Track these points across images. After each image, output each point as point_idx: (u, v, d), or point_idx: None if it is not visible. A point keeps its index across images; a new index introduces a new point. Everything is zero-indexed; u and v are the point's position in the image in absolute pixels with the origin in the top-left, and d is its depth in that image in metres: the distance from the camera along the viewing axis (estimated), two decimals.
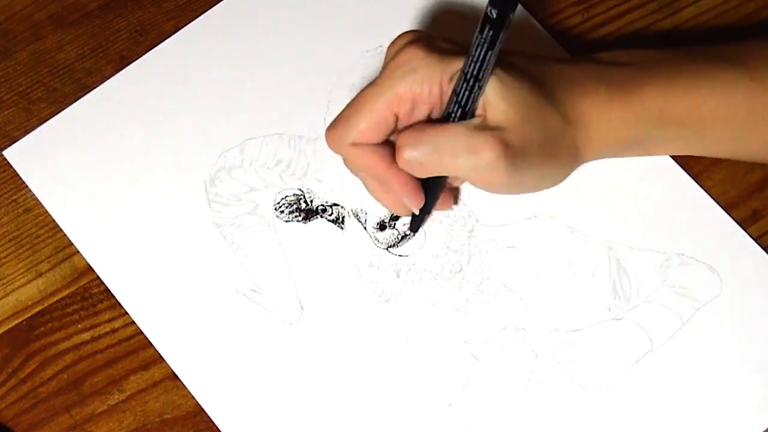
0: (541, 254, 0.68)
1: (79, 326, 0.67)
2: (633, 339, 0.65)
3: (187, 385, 0.66)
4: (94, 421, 0.66)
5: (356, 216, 0.68)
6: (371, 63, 0.71)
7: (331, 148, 0.61)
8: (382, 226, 0.67)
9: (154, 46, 0.74)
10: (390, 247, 0.68)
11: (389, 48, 0.62)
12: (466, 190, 0.69)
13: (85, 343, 0.67)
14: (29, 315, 0.68)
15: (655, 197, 0.69)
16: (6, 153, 0.71)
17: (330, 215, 0.69)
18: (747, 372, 0.65)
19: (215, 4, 0.74)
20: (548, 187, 0.66)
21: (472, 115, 0.59)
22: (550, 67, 0.62)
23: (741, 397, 0.64)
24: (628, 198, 0.69)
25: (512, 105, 0.58)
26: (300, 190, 0.69)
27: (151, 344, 0.67)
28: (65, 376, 0.67)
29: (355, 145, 0.60)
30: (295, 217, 0.69)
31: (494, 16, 0.54)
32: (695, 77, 0.62)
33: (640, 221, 0.68)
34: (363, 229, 0.68)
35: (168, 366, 0.66)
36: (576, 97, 0.61)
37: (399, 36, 0.61)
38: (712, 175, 0.69)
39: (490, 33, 0.56)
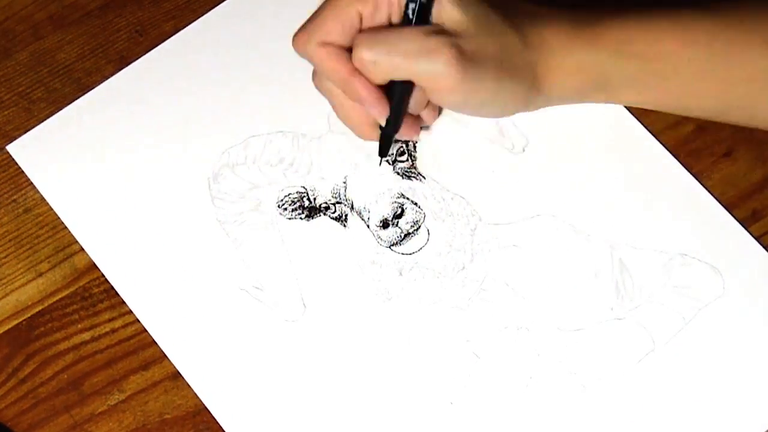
0: (543, 253, 0.68)
1: (79, 326, 0.68)
2: (635, 338, 0.66)
3: (189, 382, 0.66)
4: (94, 421, 0.66)
5: (359, 214, 0.68)
6: None
7: (297, 50, 0.62)
8: (385, 224, 0.68)
9: (154, 46, 0.74)
10: (393, 245, 0.68)
11: None
12: (469, 188, 0.69)
13: (85, 343, 0.67)
14: (29, 315, 0.68)
15: (659, 197, 0.69)
16: (9, 148, 0.71)
17: (333, 213, 0.69)
18: (749, 372, 0.65)
19: (216, 4, 0.74)
20: (507, 114, 0.66)
21: (428, 22, 0.60)
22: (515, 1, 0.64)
23: (743, 397, 0.65)
24: (632, 198, 0.69)
25: (469, 15, 0.59)
26: (303, 187, 0.69)
27: (151, 344, 0.67)
28: (65, 376, 0.67)
29: (321, 44, 0.61)
30: (298, 214, 0.69)
31: None
32: (657, 17, 0.63)
33: (643, 221, 0.68)
34: (366, 227, 0.68)
35: (168, 366, 0.67)
36: (539, 24, 0.62)
37: None
38: (712, 174, 0.70)
39: None
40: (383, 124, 0.63)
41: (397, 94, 0.62)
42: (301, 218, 0.69)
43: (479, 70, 0.60)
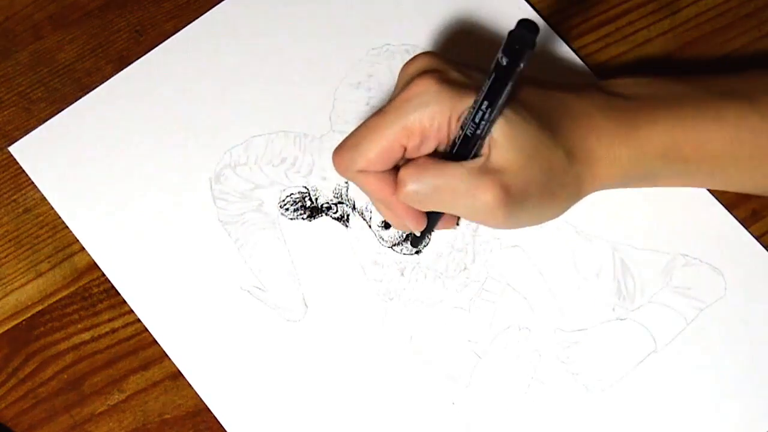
0: (545, 254, 0.68)
1: (79, 326, 0.68)
2: (637, 339, 0.66)
3: (190, 382, 0.66)
4: (93, 421, 0.66)
5: (361, 214, 0.69)
6: (377, 61, 0.72)
7: (338, 172, 0.61)
8: (386, 225, 0.68)
9: (154, 46, 0.74)
10: (394, 245, 0.68)
11: (403, 69, 0.61)
12: None
13: (84, 343, 0.67)
14: (29, 315, 0.68)
15: (660, 198, 0.69)
16: (11, 149, 0.71)
17: (335, 213, 0.69)
18: (751, 373, 0.65)
19: (216, 3, 0.74)
20: (547, 221, 0.65)
21: (477, 154, 0.59)
22: (560, 99, 0.62)
23: (745, 398, 0.65)
24: (633, 198, 0.69)
25: (517, 147, 0.58)
26: (305, 187, 0.69)
27: (150, 344, 0.67)
28: (65, 376, 0.67)
29: (362, 172, 0.60)
30: (300, 214, 0.69)
31: (505, 63, 0.53)
32: (702, 114, 0.62)
33: (645, 222, 0.68)
34: (368, 227, 0.68)
35: (168, 366, 0.67)
36: (584, 133, 0.61)
37: (414, 58, 0.61)
38: None
39: (500, 80, 0.54)
40: (418, 234, 0.65)
41: (435, 215, 0.63)
42: (302, 218, 0.69)
43: (525, 201, 0.59)
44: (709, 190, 0.69)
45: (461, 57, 0.63)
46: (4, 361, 0.67)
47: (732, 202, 0.69)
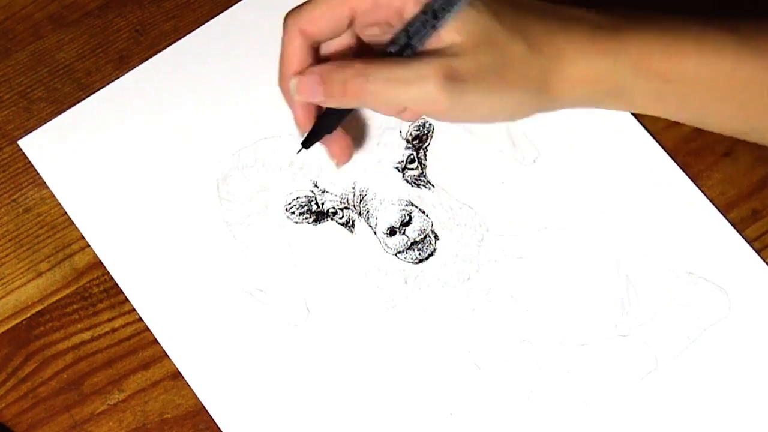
0: (550, 266, 0.77)
1: (79, 326, 0.76)
2: (639, 356, 0.74)
3: (189, 383, 0.74)
4: (94, 420, 0.74)
5: (366, 220, 0.78)
6: None
7: (283, 25, 0.67)
8: (392, 232, 0.77)
9: (154, 46, 0.82)
10: (399, 253, 0.77)
11: None
12: (478, 199, 0.78)
13: (84, 342, 0.76)
14: (29, 315, 0.77)
15: (668, 215, 0.78)
16: (21, 143, 0.80)
17: (340, 218, 0.78)
18: (752, 393, 0.74)
19: (216, 4, 0.83)
20: (512, 119, 0.72)
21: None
22: (536, 6, 0.69)
23: (746, 418, 0.74)
24: (641, 215, 0.78)
25: (466, 32, 0.65)
26: (311, 192, 0.78)
27: (151, 344, 0.75)
28: (65, 375, 0.75)
29: (302, 32, 0.66)
30: (306, 218, 0.78)
31: None
32: (682, 34, 0.68)
33: (651, 238, 0.77)
34: (373, 233, 0.77)
35: (168, 365, 0.75)
36: (556, 30, 0.67)
37: None
38: (712, 174, 0.79)
39: None
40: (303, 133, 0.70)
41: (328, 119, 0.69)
42: (308, 222, 0.78)
43: (476, 87, 0.65)
44: (711, 199, 0.77)
45: None
46: (4, 360, 0.75)
47: (732, 201, 0.78)
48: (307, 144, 0.70)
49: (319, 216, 0.79)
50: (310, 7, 0.66)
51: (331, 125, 0.69)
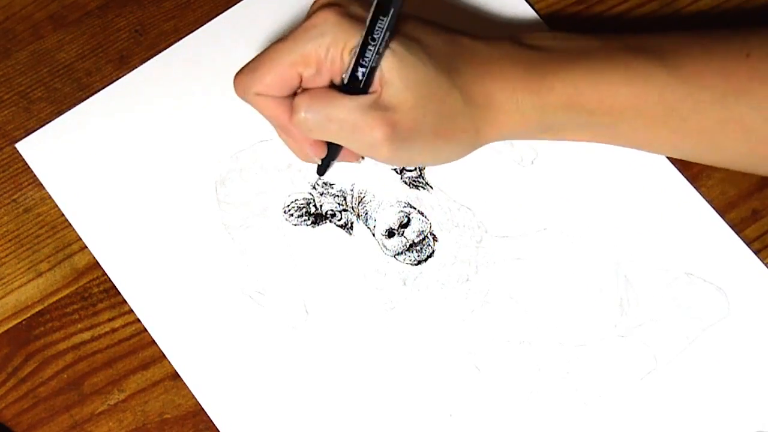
0: (549, 268, 0.77)
1: (79, 326, 0.77)
2: (638, 357, 0.75)
3: (188, 385, 0.75)
4: (93, 420, 0.75)
5: (365, 222, 0.78)
6: None
7: (237, 94, 0.72)
8: (390, 234, 0.77)
9: (154, 46, 0.83)
10: (398, 254, 0.78)
11: (313, 3, 0.71)
12: (476, 200, 0.79)
13: (84, 342, 0.76)
14: (29, 315, 0.77)
15: (667, 216, 0.78)
16: (18, 146, 0.80)
17: (339, 220, 0.79)
18: (751, 394, 0.75)
19: (216, 4, 0.84)
20: (445, 162, 0.76)
21: (366, 90, 0.69)
22: (466, 45, 0.72)
23: (745, 418, 0.74)
24: (639, 216, 0.78)
25: (409, 86, 0.68)
26: (310, 194, 0.79)
27: (151, 344, 0.76)
28: (65, 375, 0.76)
29: (259, 95, 0.70)
30: (304, 221, 0.79)
31: None
32: (610, 68, 0.71)
33: (650, 239, 0.78)
34: (371, 235, 0.78)
35: (168, 366, 0.76)
36: (486, 78, 0.71)
37: None
38: (712, 174, 0.79)
39: (379, 11, 0.66)
40: (319, 163, 0.75)
41: (336, 145, 0.73)
42: (306, 225, 0.79)
43: (415, 140, 0.70)
44: (711, 200, 0.78)
45: None
46: (4, 360, 0.76)
47: (732, 201, 0.78)
48: (321, 171, 0.77)
49: (318, 218, 0.79)
50: (260, 76, 0.70)
51: (335, 150, 0.74)
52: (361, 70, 0.68)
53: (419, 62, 0.69)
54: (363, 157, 0.78)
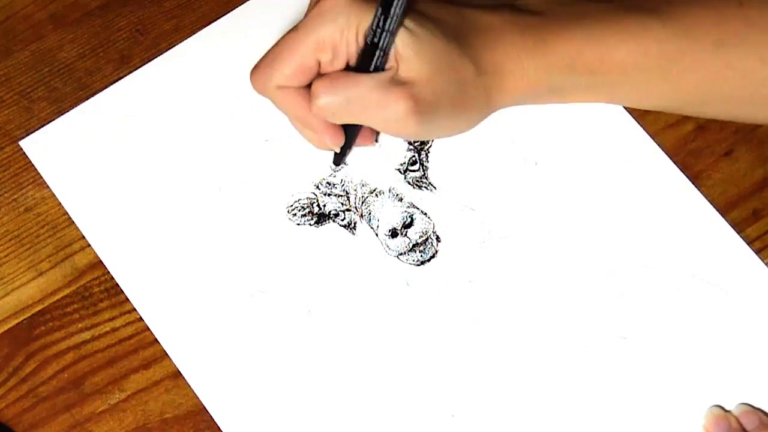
0: (551, 268, 0.78)
1: (80, 325, 0.77)
2: (639, 357, 0.76)
3: (190, 383, 0.76)
4: (94, 420, 0.76)
5: (368, 222, 0.79)
6: None
7: (256, 90, 0.72)
8: (393, 234, 0.78)
9: (154, 46, 0.84)
10: (401, 255, 0.78)
11: None
12: (480, 201, 0.80)
13: (85, 342, 0.77)
14: (30, 314, 0.78)
15: (668, 216, 0.79)
16: (22, 143, 0.81)
17: (342, 220, 0.79)
18: (752, 394, 0.76)
19: (216, 4, 0.85)
20: (461, 132, 0.77)
21: (383, 68, 0.69)
22: (469, 15, 0.73)
23: None
24: (640, 215, 0.79)
25: (424, 59, 0.69)
26: (313, 194, 0.80)
27: (151, 343, 0.77)
28: (66, 375, 0.76)
29: (279, 88, 0.70)
30: (308, 220, 0.80)
31: None
32: (606, 26, 0.73)
33: (651, 239, 0.79)
34: (374, 235, 0.78)
35: (169, 365, 0.76)
36: (492, 46, 0.73)
37: None
38: (713, 174, 0.80)
39: None
40: (338, 150, 0.75)
41: (355, 125, 0.74)
42: (310, 224, 0.79)
43: (436, 112, 0.71)
44: (712, 200, 0.79)
45: None
46: (4, 360, 0.76)
47: (732, 201, 0.79)
48: (338, 161, 0.78)
49: (321, 218, 0.80)
50: (279, 67, 0.71)
51: (352, 137, 0.75)
52: (377, 50, 0.69)
53: (432, 36, 0.70)
54: (377, 140, 0.79)
